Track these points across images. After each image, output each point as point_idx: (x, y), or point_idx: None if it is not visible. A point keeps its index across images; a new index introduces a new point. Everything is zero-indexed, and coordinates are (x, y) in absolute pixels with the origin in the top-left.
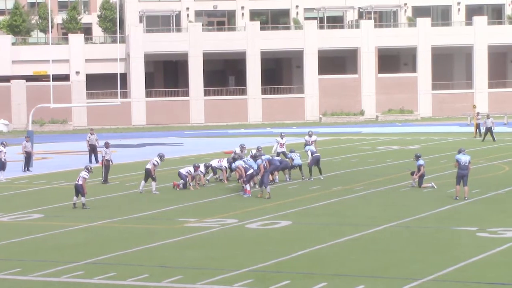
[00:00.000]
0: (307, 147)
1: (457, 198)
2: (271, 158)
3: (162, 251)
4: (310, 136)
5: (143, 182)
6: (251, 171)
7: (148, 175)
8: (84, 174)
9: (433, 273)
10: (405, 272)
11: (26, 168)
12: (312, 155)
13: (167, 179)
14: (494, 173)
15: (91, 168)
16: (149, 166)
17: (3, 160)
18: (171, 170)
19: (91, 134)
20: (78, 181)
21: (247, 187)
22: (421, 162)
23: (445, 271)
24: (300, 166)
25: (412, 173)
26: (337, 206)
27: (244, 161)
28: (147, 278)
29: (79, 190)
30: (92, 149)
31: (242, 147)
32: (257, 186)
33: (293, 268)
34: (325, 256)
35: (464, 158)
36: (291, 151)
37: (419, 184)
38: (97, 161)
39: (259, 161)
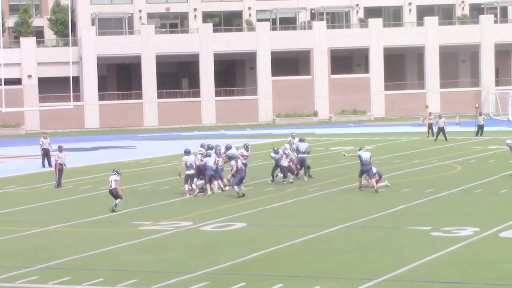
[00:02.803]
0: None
1: (361, 189)
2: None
3: (117, 254)
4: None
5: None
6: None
7: (116, 195)
8: (115, 177)
9: (388, 273)
10: (360, 272)
11: None
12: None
13: (123, 183)
14: (446, 173)
15: (119, 170)
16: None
17: None
18: (126, 174)
19: (44, 138)
20: (111, 186)
21: (193, 186)
22: (374, 170)
23: (399, 271)
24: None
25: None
26: (292, 208)
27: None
28: (102, 282)
29: (114, 194)
30: (45, 153)
31: (246, 147)
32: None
33: (248, 270)
34: (280, 258)
35: (365, 155)
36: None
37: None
38: (50, 165)
39: (232, 161)
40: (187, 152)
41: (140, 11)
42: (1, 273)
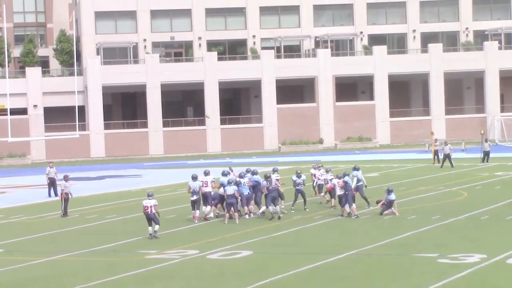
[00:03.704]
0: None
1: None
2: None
3: (123, 284)
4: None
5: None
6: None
7: (154, 219)
8: (154, 202)
9: None
10: None
11: None
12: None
13: (129, 211)
14: (453, 199)
15: (152, 193)
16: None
17: None
18: (132, 202)
19: (50, 167)
20: (148, 211)
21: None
22: (393, 197)
23: None
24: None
25: (378, 202)
26: (298, 235)
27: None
28: None
29: (152, 219)
30: (52, 183)
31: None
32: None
33: None
34: (287, 286)
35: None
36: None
37: (381, 211)
38: (56, 195)
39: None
40: (194, 178)
41: (144, 40)
42: None
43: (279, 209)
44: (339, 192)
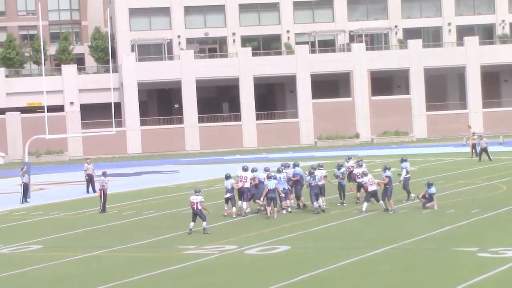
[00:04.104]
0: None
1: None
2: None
3: (162, 279)
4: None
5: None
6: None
7: (200, 216)
8: (200, 198)
9: None
10: None
11: (23, 200)
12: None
13: (166, 207)
14: (492, 193)
15: (199, 190)
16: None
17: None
18: (169, 198)
19: (87, 163)
20: (195, 207)
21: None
22: (433, 190)
23: None
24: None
25: (419, 196)
26: (336, 230)
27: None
28: None
29: (198, 215)
30: (90, 179)
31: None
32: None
33: None
34: (325, 280)
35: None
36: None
37: (423, 204)
38: (94, 191)
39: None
40: (227, 177)
41: (179, 36)
42: None
43: (321, 204)
44: (371, 188)
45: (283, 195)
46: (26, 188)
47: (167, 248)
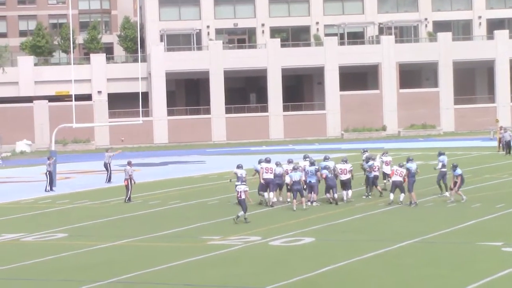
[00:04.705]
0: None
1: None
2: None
3: (186, 269)
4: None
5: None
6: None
7: (243, 205)
8: (244, 187)
9: None
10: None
11: (49, 188)
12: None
13: (192, 197)
14: None
15: (245, 179)
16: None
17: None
18: (195, 188)
19: (108, 152)
20: (240, 196)
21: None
22: (459, 171)
23: (469, 287)
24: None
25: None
26: (361, 222)
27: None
28: None
29: (241, 204)
30: (106, 168)
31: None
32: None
33: (318, 285)
34: (349, 273)
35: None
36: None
37: (457, 189)
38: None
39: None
40: (239, 167)
41: (208, 27)
42: (73, 287)
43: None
44: (394, 178)
45: (305, 186)
46: (51, 177)
47: (191, 238)
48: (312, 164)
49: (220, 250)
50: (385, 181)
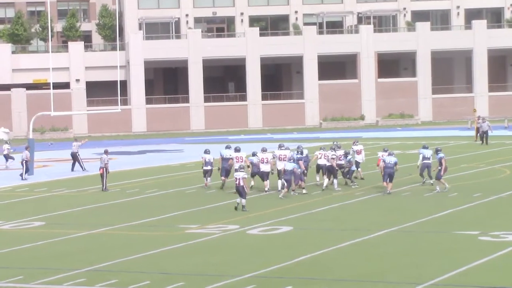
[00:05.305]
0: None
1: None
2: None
3: (163, 258)
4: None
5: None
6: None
7: (241, 192)
8: (243, 174)
9: (434, 277)
10: (406, 277)
11: (23, 177)
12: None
13: (170, 186)
14: (495, 177)
15: (243, 167)
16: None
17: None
18: (173, 177)
19: (76, 141)
20: (238, 183)
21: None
22: (441, 155)
23: (446, 276)
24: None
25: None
26: (338, 211)
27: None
28: (149, 285)
29: (239, 192)
30: (73, 157)
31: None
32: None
33: (294, 273)
34: (326, 261)
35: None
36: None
37: (437, 177)
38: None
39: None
40: (206, 152)
41: (187, 15)
42: (49, 275)
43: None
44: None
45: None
46: (27, 165)
47: (169, 227)
48: (301, 153)
49: (198, 238)
50: (359, 169)
